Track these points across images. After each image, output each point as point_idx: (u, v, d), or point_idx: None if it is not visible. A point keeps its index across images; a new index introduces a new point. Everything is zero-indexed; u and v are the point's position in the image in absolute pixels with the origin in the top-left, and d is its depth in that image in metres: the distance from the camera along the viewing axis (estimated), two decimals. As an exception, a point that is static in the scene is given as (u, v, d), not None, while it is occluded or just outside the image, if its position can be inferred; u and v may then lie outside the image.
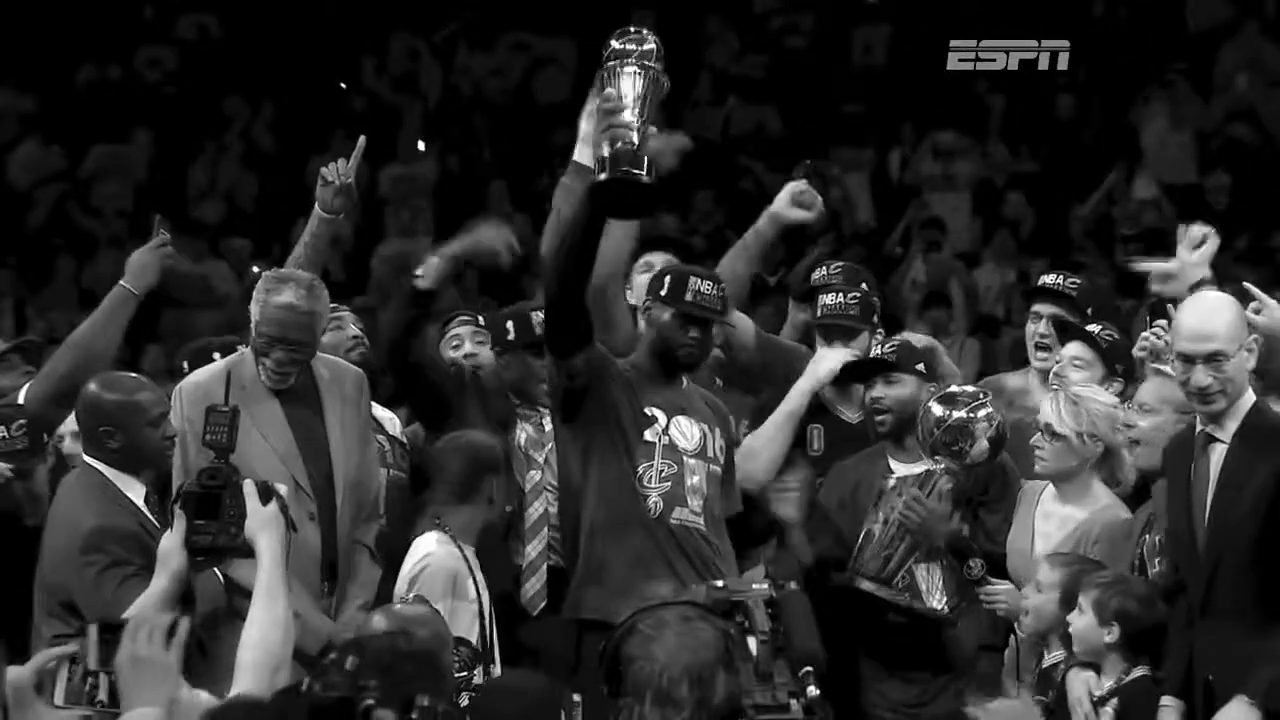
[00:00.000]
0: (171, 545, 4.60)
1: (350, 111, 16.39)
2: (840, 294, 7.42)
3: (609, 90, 6.26)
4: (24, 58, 16.41)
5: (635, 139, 6.20)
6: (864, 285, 7.54)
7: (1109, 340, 7.18)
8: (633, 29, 6.43)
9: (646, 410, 6.66)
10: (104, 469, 6.20)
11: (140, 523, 6.11)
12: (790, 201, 7.53)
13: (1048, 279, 7.74)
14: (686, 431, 6.72)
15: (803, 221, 7.62)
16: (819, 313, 7.43)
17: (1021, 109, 15.55)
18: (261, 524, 4.60)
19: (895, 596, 6.99)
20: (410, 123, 16.31)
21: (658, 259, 7.68)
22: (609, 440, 6.64)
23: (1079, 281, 7.70)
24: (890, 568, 7.00)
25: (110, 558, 5.99)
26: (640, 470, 6.62)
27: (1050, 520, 6.78)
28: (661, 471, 6.64)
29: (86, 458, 6.26)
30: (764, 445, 7.23)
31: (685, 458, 6.68)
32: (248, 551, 4.60)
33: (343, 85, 16.77)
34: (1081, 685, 6.32)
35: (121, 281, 6.91)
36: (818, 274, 7.65)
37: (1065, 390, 6.84)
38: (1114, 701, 6.25)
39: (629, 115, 6.22)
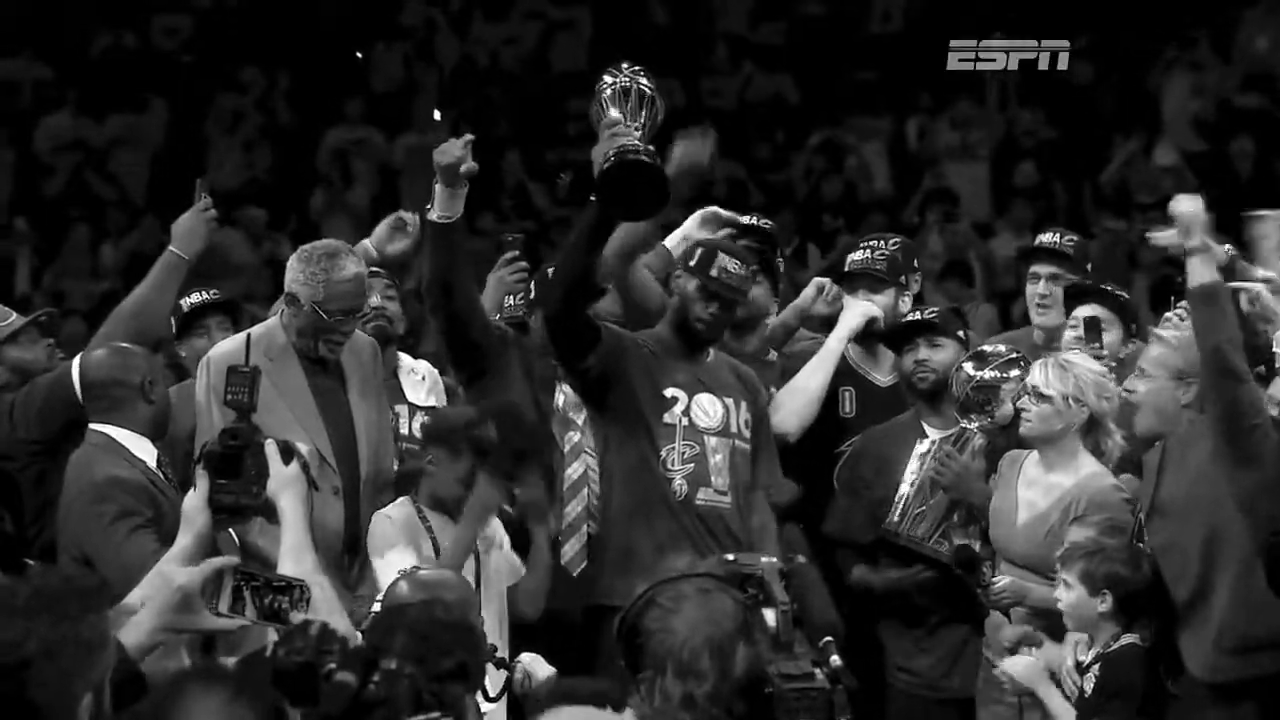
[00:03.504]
0: (195, 504, 4.58)
1: (366, 82, 16.37)
2: (870, 250, 7.45)
3: (613, 113, 6.24)
4: (40, 26, 16.39)
5: (639, 136, 6.18)
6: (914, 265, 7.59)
7: (1123, 299, 7.20)
8: (624, 65, 6.35)
9: (667, 392, 6.61)
10: (112, 431, 6.20)
11: (150, 480, 6.12)
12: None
13: (1044, 238, 7.74)
14: (708, 410, 6.66)
15: None
16: (847, 265, 7.46)
17: (1040, 77, 15.47)
18: (283, 484, 4.58)
19: (930, 551, 6.96)
20: (426, 92, 16.29)
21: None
22: (630, 425, 6.60)
23: (1076, 239, 7.72)
24: (925, 527, 6.98)
25: (120, 507, 6.00)
26: (663, 454, 6.58)
27: (1034, 488, 6.69)
28: (684, 454, 6.59)
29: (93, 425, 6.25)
30: (792, 396, 7.18)
31: (707, 437, 6.63)
32: (270, 511, 4.60)
33: (358, 55, 16.73)
34: (1070, 651, 6.32)
35: (170, 247, 6.89)
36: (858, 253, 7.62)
37: (1056, 355, 6.80)
38: (1096, 667, 6.24)
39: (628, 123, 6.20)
